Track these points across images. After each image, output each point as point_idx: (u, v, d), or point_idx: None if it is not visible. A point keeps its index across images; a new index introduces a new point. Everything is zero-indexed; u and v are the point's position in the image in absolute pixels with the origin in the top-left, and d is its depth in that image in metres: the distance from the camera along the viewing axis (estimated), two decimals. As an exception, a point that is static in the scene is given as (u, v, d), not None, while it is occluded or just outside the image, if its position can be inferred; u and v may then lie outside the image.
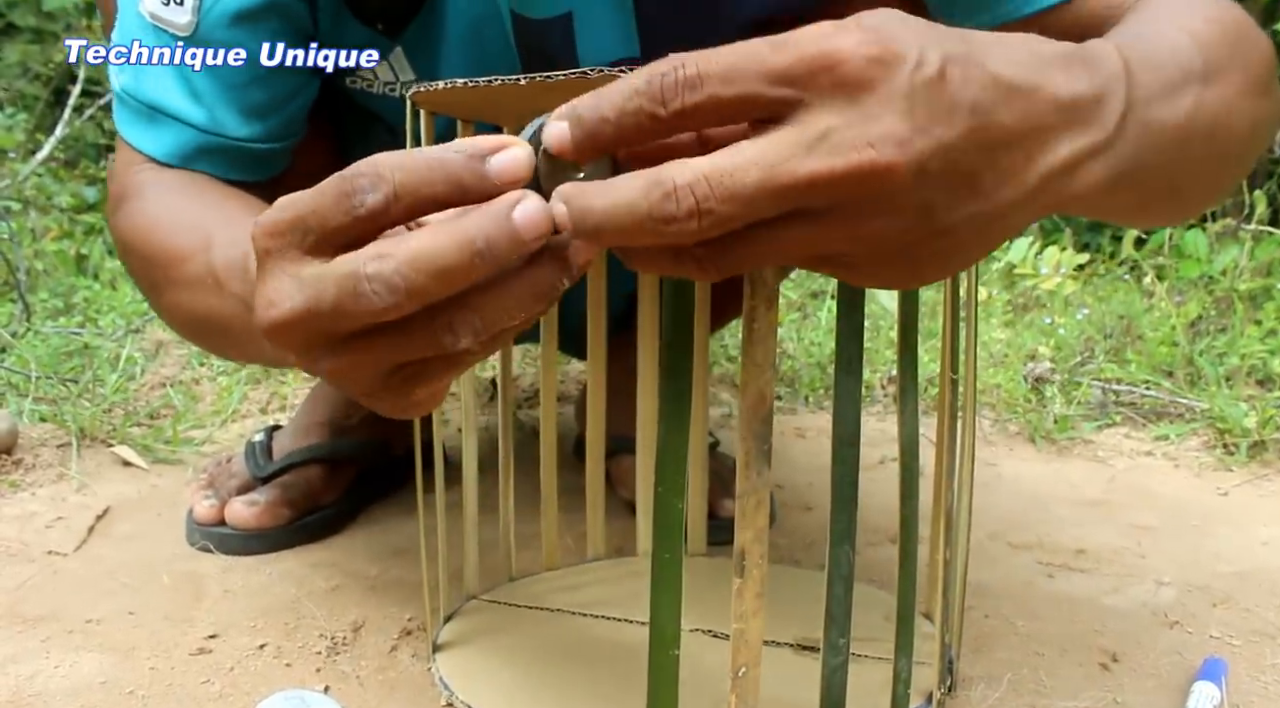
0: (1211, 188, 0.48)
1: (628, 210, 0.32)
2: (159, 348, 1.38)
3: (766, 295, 0.43)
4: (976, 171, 0.32)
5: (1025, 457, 1.07)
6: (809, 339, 1.43)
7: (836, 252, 0.34)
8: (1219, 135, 0.42)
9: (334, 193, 0.33)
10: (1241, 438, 1.06)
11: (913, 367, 0.48)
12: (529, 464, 0.74)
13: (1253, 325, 1.32)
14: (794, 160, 0.31)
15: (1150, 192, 0.41)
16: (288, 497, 0.81)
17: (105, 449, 0.99)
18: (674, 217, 0.31)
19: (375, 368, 0.35)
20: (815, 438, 1.12)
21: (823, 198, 0.31)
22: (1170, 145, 0.39)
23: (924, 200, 0.32)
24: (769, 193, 0.31)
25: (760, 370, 0.44)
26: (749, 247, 0.33)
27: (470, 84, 0.48)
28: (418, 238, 0.32)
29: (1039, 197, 0.34)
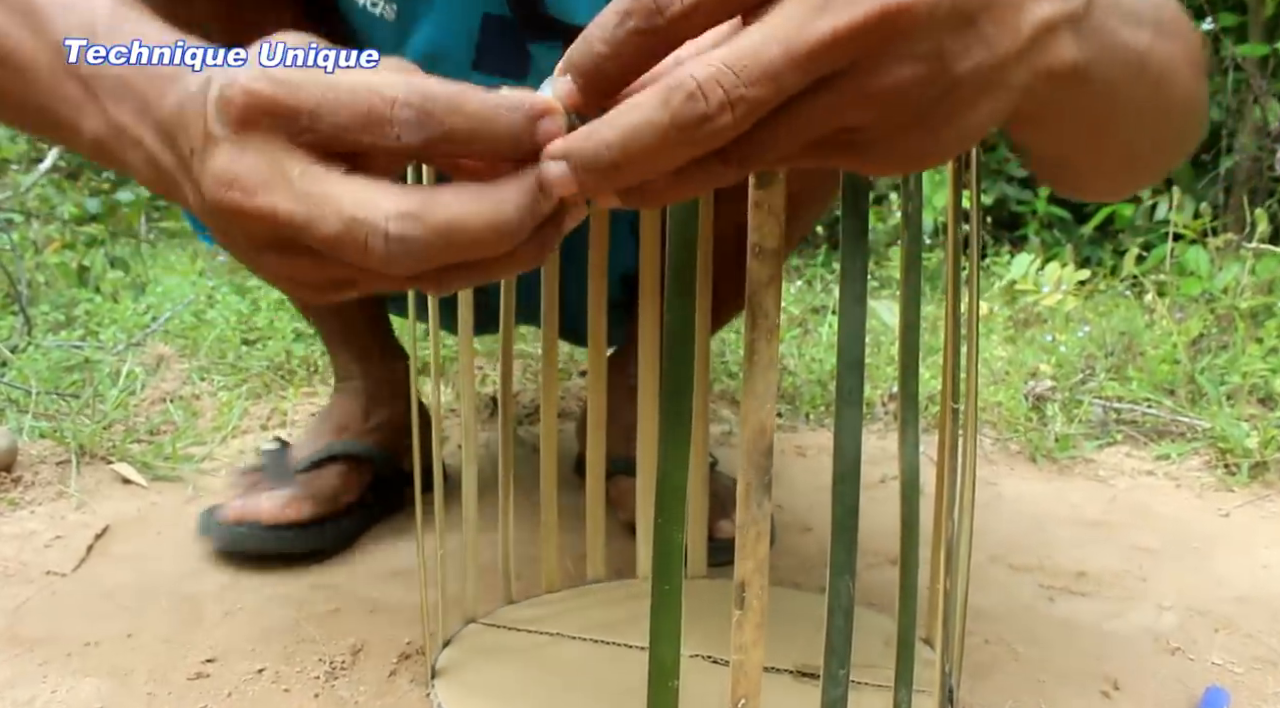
0: (1154, 145, 0.49)
1: (649, 128, 0.30)
2: (160, 363, 1.38)
3: (767, 328, 0.43)
4: (977, 15, 0.32)
5: (1026, 476, 1.07)
6: (809, 355, 1.43)
7: (856, 123, 0.32)
8: (1165, 86, 0.43)
9: (366, 108, 0.31)
10: (1243, 458, 1.05)
11: (913, 396, 0.48)
12: (529, 483, 0.74)
13: (1254, 343, 1.32)
14: (811, 24, 0.30)
15: (1105, 116, 0.41)
16: (309, 492, 0.82)
17: (105, 466, 0.99)
18: (706, 116, 0.30)
19: (327, 280, 0.34)
20: (816, 457, 1.12)
21: (846, 55, 0.30)
22: (1126, 66, 0.40)
23: (936, 46, 0.31)
24: (796, 63, 0.30)
25: (761, 402, 0.44)
26: (773, 131, 0.31)
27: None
28: (450, 207, 0.31)
29: (1027, 56, 0.34)
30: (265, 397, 1.31)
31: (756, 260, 0.43)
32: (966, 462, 0.55)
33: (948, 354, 0.55)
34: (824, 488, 1.02)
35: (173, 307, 1.67)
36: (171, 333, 1.57)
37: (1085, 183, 0.51)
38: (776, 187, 0.42)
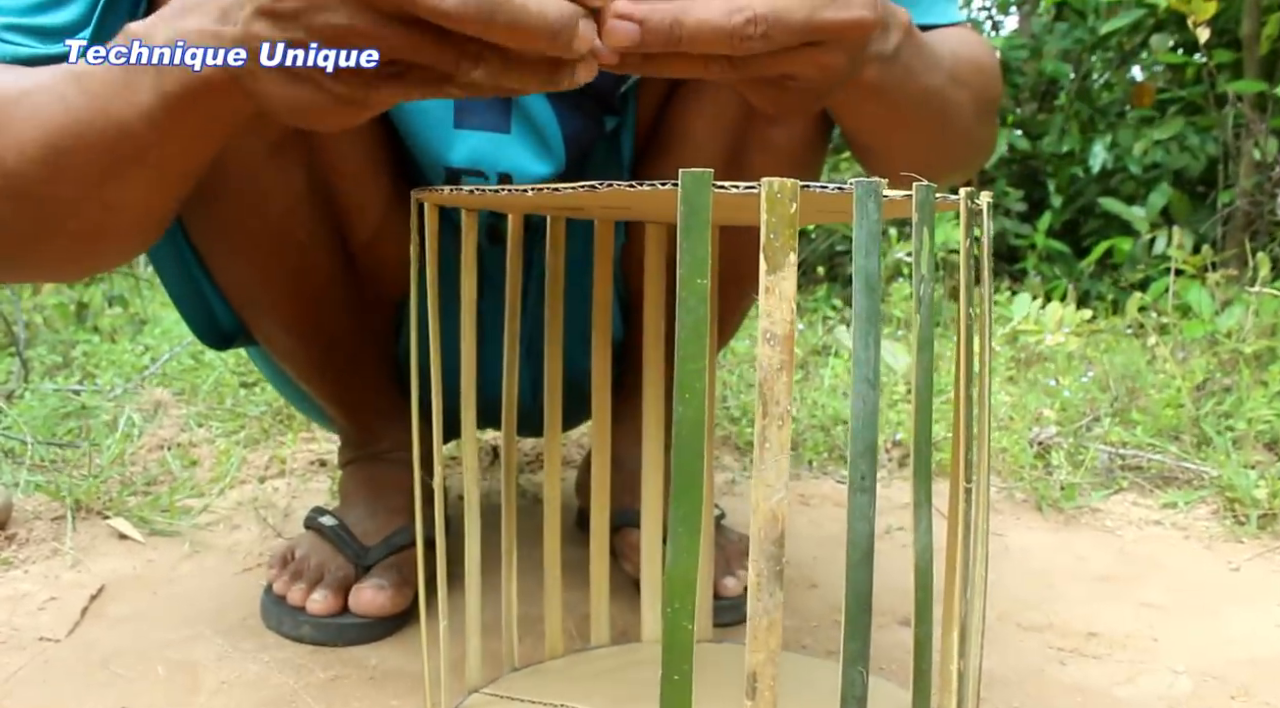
0: (934, 155, 0.70)
1: (714, 28, 0.47)
2: (157, 408, 1.37)
3: (779, 415, 0.42)
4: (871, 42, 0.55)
5: (1032, 526, 1.06)
6: (811, 399, 1.42)
7: (805, 74, 0.52)
8: (947, 116, 0.66)
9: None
10: (1251, 508, 1.04)
11: (926, 480, 0.47)
12: (532, 536, 0.73)
13: (1258, 387, 1.31)
14: (823, 10, 0.49)
15: (894, 123, 0.64)
16: (403, 577, 0.80)
17: (101, 521, 0.98)
18: (749, 36, 0.47)
19: (389, 54, 0.44)
20: (820, 506, 1.11)
21: (830, 34, 0.49)
22: (914, 94, 0.61)
23: (863, 49, 0.53)
24: (805, 28, 0.48)
25: (772, 491, 0.43)
26: (767, 59, 0.49)
27: (475, 191, 0.48)
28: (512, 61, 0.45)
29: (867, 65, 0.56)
30: (264, 442, 1.30)
31: (768, 346, 0.42)
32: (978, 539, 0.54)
33: (958, 421, 0.54)
34: (830, 539, 1.01)
35: (171, 348, 1.66)
36: (170, 375, 1.56)
37: (883, 167, 0.71)
38: (788, 271, 0.42)
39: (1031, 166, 2.93)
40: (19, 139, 0.52)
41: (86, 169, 0.52)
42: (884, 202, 0.43)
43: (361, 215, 0.79)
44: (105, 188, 0.54)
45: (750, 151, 0.79)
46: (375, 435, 0.90)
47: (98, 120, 0.50)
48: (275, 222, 0.74)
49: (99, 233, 0.57)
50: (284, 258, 0.77)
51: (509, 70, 0.45)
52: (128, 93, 0.49)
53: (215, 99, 0.49)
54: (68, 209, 0.55)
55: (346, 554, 0.82)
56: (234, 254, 0.77)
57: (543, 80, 0.46)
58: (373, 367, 0.89)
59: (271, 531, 0.99)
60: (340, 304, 0.82)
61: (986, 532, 0.57)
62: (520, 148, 0.75)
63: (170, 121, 0.50)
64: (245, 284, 0.79)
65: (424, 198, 0.54)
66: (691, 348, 0.42)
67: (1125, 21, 2.32)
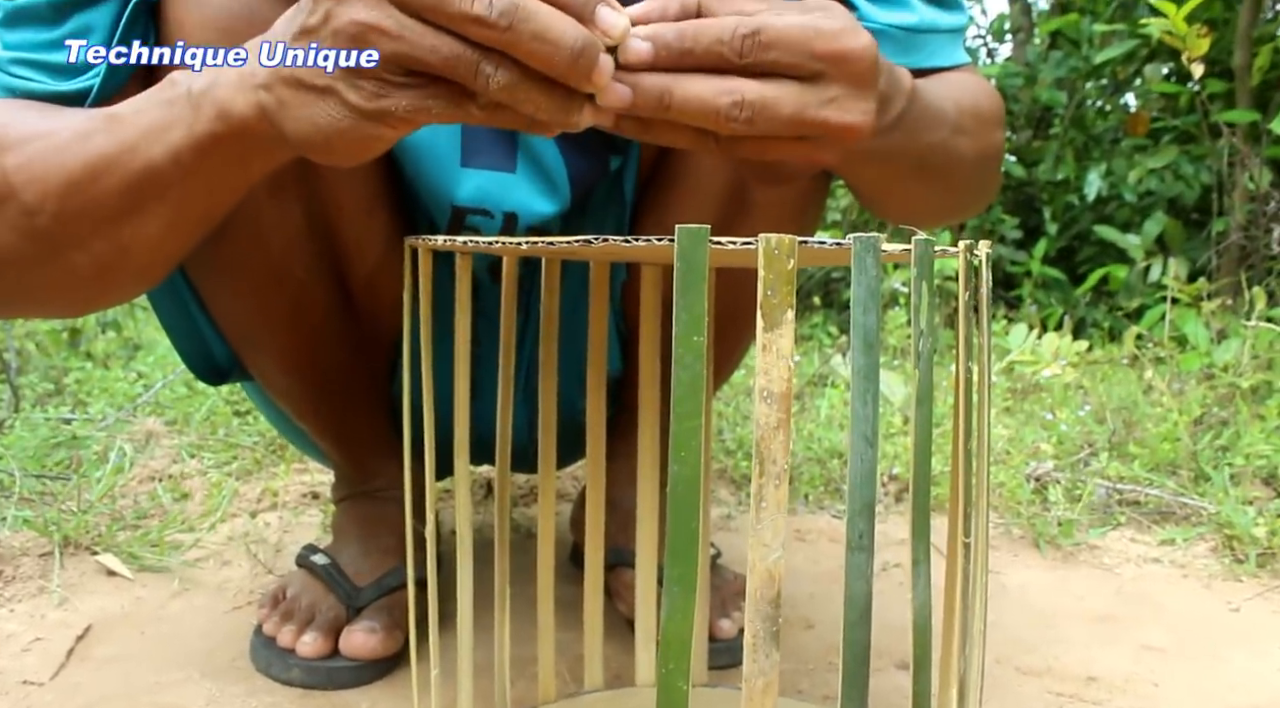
0: (940, 201, 0.72)
1: (701, 103, 0.47)
2: (149, 438, 1.36)
3: (775, 473, 0.42)
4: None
5: (1030, 563, 1.05)
6: (807, 431, 1.41)
7: (791, 162, 0.53)
8: (950, 166, 0.66)
9: None
10: (1250, 546, 1.04)
11: (925, 538, 0.46)
12: (525, 572, 0.72)
13: (1256, 421, 1.31)
14: (813, 108, 0.48)
15: (902, 175, 0.64)
16: (395, 620, 0.79)
17: (89, 557, 0.96)
18: (734, 118, 0.48)
19: (409, 52, 0.44)
20: (816, 541, 1.10)
21: (820, 133, 0.50)
22: (919, 150, 0.61)
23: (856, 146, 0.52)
24: (793, 122, 0.48)
25: (768, 551, 0.42)
26: (751, 143, 0.50)
27: (469, 242, 0.47)
28: (547, 9, 0.44)
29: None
30: (256, 473, 1.29)
31: (765, 404, 0.41)
32: (976, 591, 0.54)
33: (955, 474, 0.53)
34: (826, 575, 1.00)
35: (164, 376, 1.65)
36: (162, 404, 1.55)
37: (885, 212, 0.73)
38: (786, 328, 0.41)
39: (1027, 193, 2.94)
40: (42, 176, 0.53)
41: (106, 207, 0.53)
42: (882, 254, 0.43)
43: (360, 253, 0.78)
44: (121, 227, 0.54)
45: (754, 190, 0.79)
46: (370, 473, 0.90)
47: (124, 157, 0.51)
48: (274, 259, 0.74)
49: (107, 272, 0.58)
50: (282, 294, 0.76)
51: (527, 86, 0.45)
52: (158, 132, 0.51)
53: (243, 141, 0.50)
54: (80, 246, 0.55)
55: (338, 594, 0.81)
56: (232, 290, 0.76)
57: (556, 107, 0.46)
58: (369, 404, 0.88)
59: (262, 567, 0.98)
60: (338, 341, 0.82)
61: (985, 585, 0.57)
62: (526, 187, 0.75)
63: (196, 161, 0.51)
64: (242, 320, 0.79)
65: (418, 245, 0.53)
66: (687, 406, 0.42)
67: (1119, 51, 2.33)
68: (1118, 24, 2.60)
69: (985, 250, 0.53)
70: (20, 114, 0.56)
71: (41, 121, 0.54)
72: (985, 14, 3.67)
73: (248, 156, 0.52)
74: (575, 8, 0.45)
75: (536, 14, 0.43)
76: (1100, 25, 2.52)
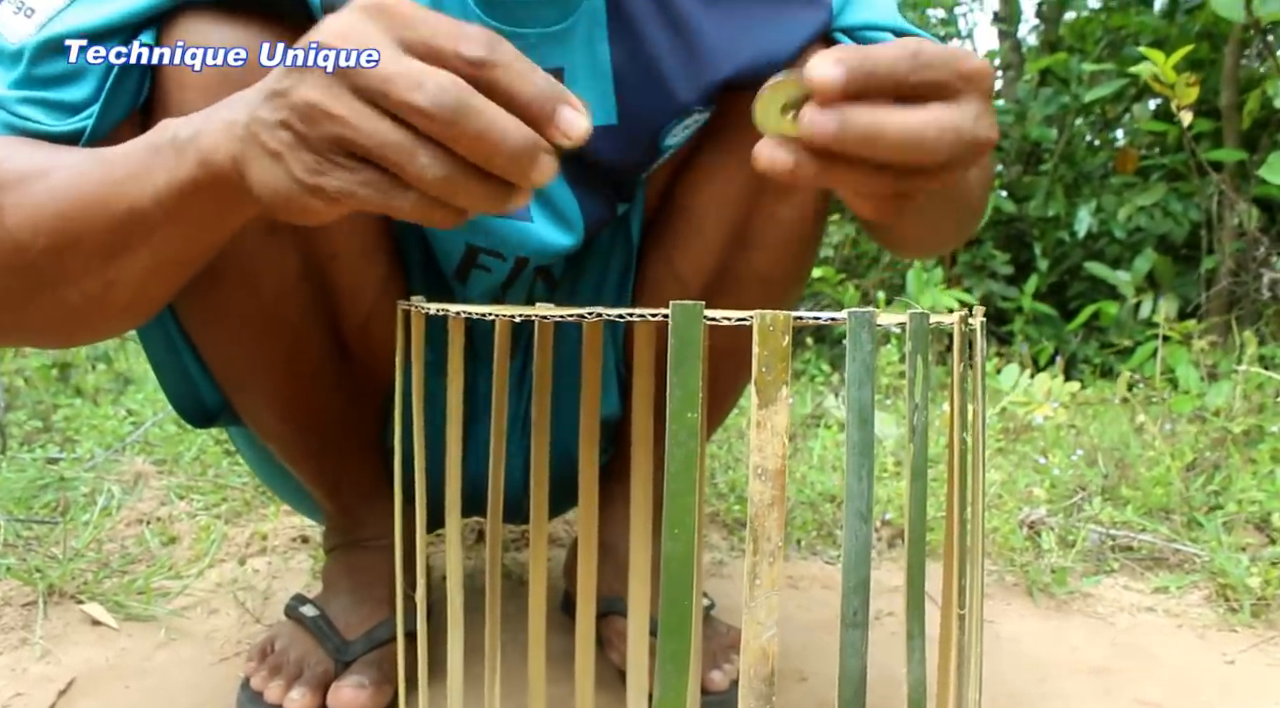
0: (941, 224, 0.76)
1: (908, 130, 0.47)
2: (138, 479, 1.35)
3: (770, 551, 0.41)
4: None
5: (1023, 613, 1.05)
6: (800, 474, 1.41)
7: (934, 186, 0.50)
8: (967, 196, 0.72)
9: (451, 29, 0.44)
10: (1244, 595, 1.03)
11: (920, 612, 0.46)
12: (516, 620, 0.71)
13: (1248, 465, 1.31)
14: (970, 127, 0.48)
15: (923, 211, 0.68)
16: (384, 674, 0.78)
17: (74, 606, 0.95)
18: (941, 142, 0.47)
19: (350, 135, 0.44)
20: (809, 589, 1.10)
21: (976, 153, 0.49)
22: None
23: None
24: (958, 143, 0.48)
25: (762, 629, 0.42)
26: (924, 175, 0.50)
27: (462, 313, 0.47)
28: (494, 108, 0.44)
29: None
30: (246, 515, 1.28)
31: (759, 481, 0.41)
32: (970, 660, 0.53)
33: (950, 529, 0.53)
34: (820, 625, 0.99)
35: (154, 414, 1.64)
36: (151, 443, 1.54)
37: (908, 247, 0.79)
38: (781, 405, 0.41)
39: (1018, 229, 2.96)
40: (34, 215, 0.54)
41: (93, 245, 0.54)
42: (877, 329, 0.43)
43: (355, 299, 0.78)
44: (108, 265, 0.55)
45: (756, 228, 0.80)
46: (360, 521, 0.89)
47: (111, 198, 0.53)
48: (267, 303, 0.73)
49: (95, 308, 0.59)
50: (274, 339, 0.76)
51: (463, 178, 0.45)
52: (143, 173, 0.52)
53: (221, 188, 0.51)
54: (69, 282, 0.57)
55: (327, 648, 0.80)
56: (224, 334, 0.76)
57: (490, 197, 0.46)
58: (361, 451, 0.87)
59: (250, 616, 0.96)
60: (330, 387, 0.81)
61: (979, 643, 0.56)
62: (540, 230, 0.75)
63: (178, 206, 0.52)
64: (233, 364, 0.78)
65: (410, 308, 0.53)
66: (681, 483, 0.42)
67: (1108, 91, 2.35)
68: (1106, 63, 2.63)
69: (979, 319, 0.53)
70: (19, 152, 0.57)
71: (38, 161, 0.56)
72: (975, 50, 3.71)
73: (225, 204, 0.53)
74: (534, 108, 0.44)
75: (481, 112, 0.43)
76: (1089, 64, 2.54)
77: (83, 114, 0.61)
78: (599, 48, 0.71)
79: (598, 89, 0.72)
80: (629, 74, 0.72)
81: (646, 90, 0.72)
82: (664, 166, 0.81)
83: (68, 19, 0.60)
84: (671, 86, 0.72)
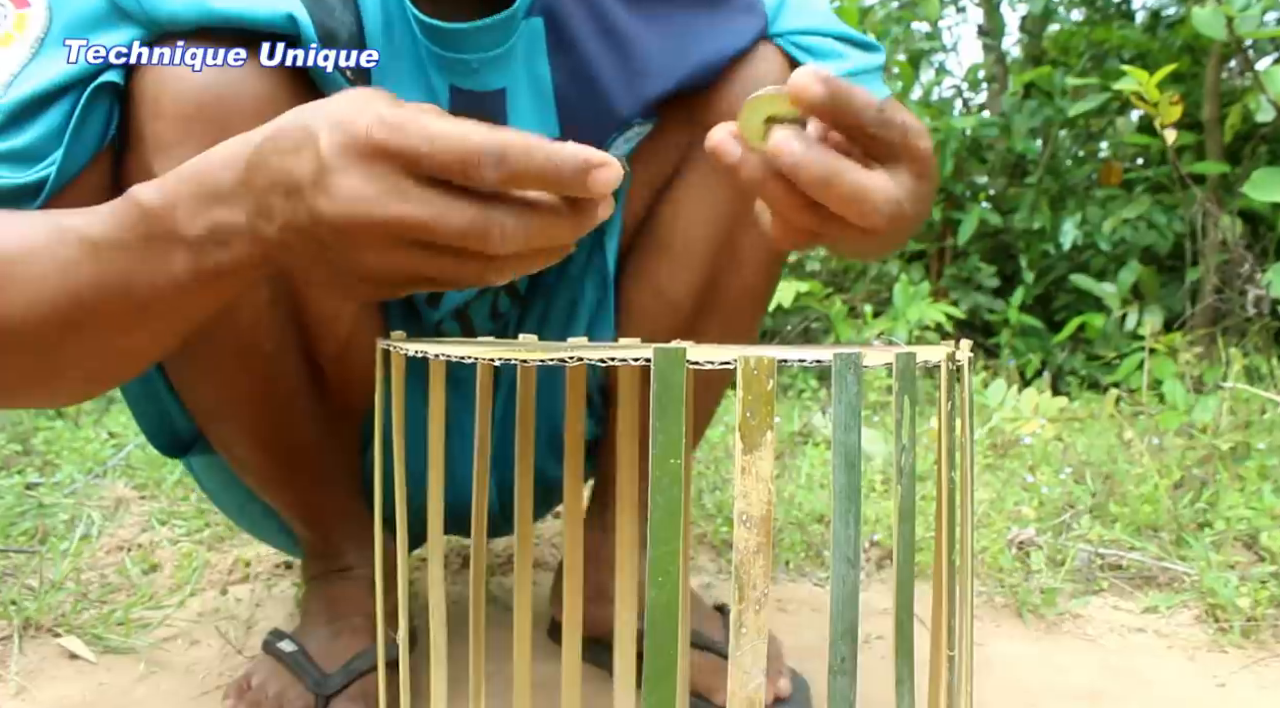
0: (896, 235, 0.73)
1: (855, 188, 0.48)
2: (118, 505, 1.33)
3: (755, 599, 0.40)
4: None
5: (1013, 634, 1.04)
6: (788, 494, 1.40)
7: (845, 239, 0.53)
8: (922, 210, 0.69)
9: (458, 154, 0.43)
10: (1234, 615, 1.03)
11: (908, 657, 0.45)
12: (502, 650, 0.70)
13: (1236, 481, 1.31)
14: (910, 205, 0.50)
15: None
16: (366, 706, 0.77)
17: (51, 639, 0.93)
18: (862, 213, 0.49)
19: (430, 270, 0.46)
20: (797, 612, 1.09)
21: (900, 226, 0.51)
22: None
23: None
24: (895, 217, 0.49)
25: (749, 678, 0.41)
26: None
27: (440, 355, 0.46)
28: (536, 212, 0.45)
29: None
30: (229, 540, 1.26)
31: (744, 528, 0.40)
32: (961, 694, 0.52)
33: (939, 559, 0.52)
34: (808, 649, 0.98)
35: (135, 437, 1.62)
36: (133, 466, 1.52)
37: (867, 257, 0.75)
38: (765, 451, 0.40)
39: (1003, 241, 2.96)
40: (24, 299, 0.51)
41: (103, 330, 0.53)
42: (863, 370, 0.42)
43: (330, 328, 0.77)
44: (118, 341, 0.54)
45: (744, 245, 0.80)
46: (339, 550, 0.88)
47: (124, 287, 0.50)
48: (242, 333, 0.72)
49: (97, 376, 0.58)
50: (250, 370, 0.75)
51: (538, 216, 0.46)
52: (160, 264, 0.50)
53: (251, 273, 0.51)
54: (71, 361, 0.54)
55: (305, 682, 0.79)
56: (198, 364, 0.75)
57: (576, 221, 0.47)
58: (338, 479, 0.86)
59: (232, 648, 0.95)
60: (306, 415, 0.80)
61: (970, 693, 0.56)
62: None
63: (203, 290, 0.51)
64: (208, 394, 0.77)
65: (390, 347, 0.52)
66: (665, 531, 0.41)
67: (1092, 105, 2.36)
68: (1090, 77, 2.64)
69: (966, 352, 0.52)
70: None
71: (12, 242, 0.51)
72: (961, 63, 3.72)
73: (254, 280, 0.53)
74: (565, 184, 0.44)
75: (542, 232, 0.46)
76: (1073, 78, 2.56)
77: (44, 162, 0.58)
78: (539, 66, 0.72)
79: (539, 106, 0.73)
80: (569, 90, 0.73)
81: (586, 105, 0.73)
82: (640, 190, 0.80)
83: (32, 76, 0.58)
84: (611, 100, 0.73)
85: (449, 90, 0.70)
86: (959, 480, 0.50)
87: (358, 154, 0.43)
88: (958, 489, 0.50)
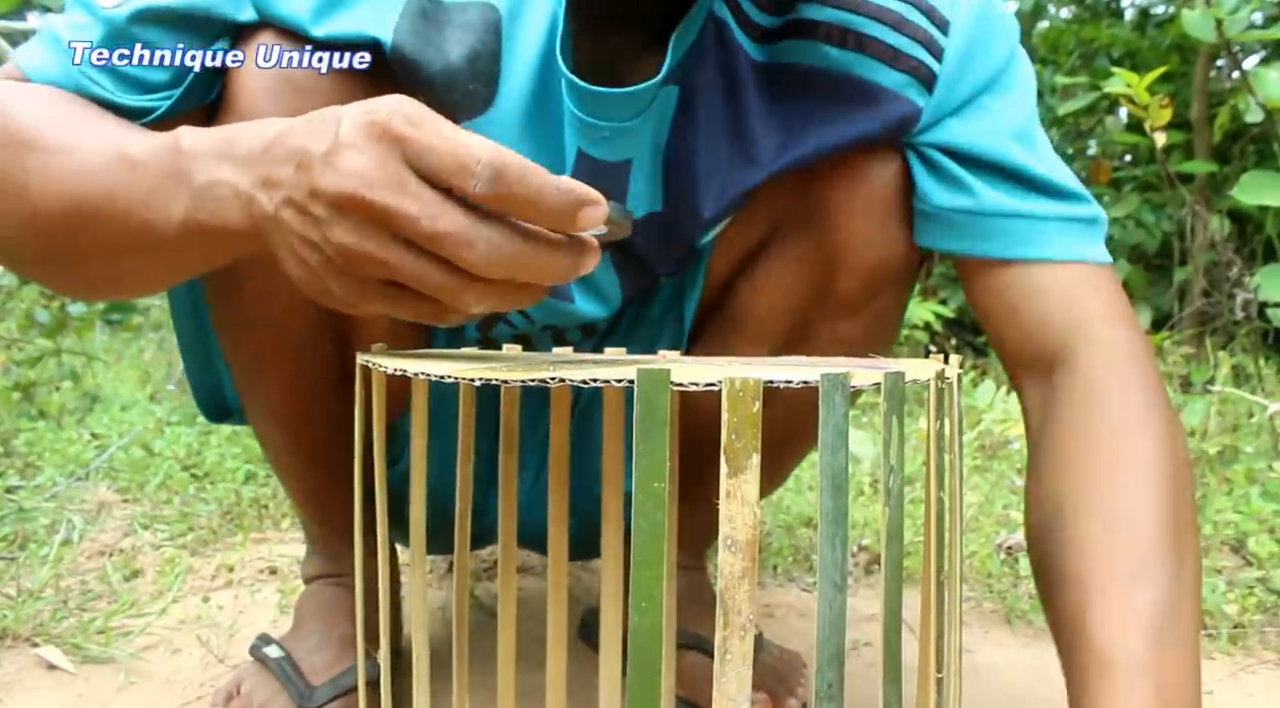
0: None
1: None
2: (100, 509, 1.32)
3: (740, 624, 0.40)
4: None
5: (1001, 641, 1.04)
6: (776, 497, 1.39)
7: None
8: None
9: (459, 158, 0.43)
10: (1221, 622, 1.03)
11: (897, 682, 0.44)
12: (489, 661, 0.69)
13: (1223, 485, 1.31)
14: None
15: None
16: None
17: (29, 650, 0.92)
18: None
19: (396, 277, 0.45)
20: (785, 618, 1.08)
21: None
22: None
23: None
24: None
25: (735, 703, 0.40)
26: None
27: (426, 377, 0.46)
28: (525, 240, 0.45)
29: None
30: (213, 544, 1.25)
31: (729, 552, 0.39)
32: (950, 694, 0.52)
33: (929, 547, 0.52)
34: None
35: (119, 438, 1.61)
36: (116, 468, 1.51)
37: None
38: (751, 474, 0.39)
39: (993, 240, 2.96)
40: (55, 193, 0.55)
41: (104, 240, 0.55)
42: (851, 388, 0.42)
43: (361, 333, 0.77)
44: (120, 259, 0.57)
45: (815, 339, 0.78)
46: (340, 553, 0.87)
47: (129, 208, 0.53)
48: (277, 315, 0.73)
49: (96, 282, 0.62)
50: (280, 354, 0.75)
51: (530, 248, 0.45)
52: (164, 199, 0.51)
53: (238, 242, 0.51)
54: (82, 258, 0.58)
55: (291, 693, 0.78)
56: (236, 333, 0.76)
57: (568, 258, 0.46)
58: (349, 486, 0.86)
59: (214, 657, 0.94)
60: (325, 417, 0.80)
61: (959, 683, 0.55)
62: (579, 307, 0.76)
63: (192, 239, 0.52)
64: (241, 364, 0.79)
65: (368, 362, 0.51)
66: (648, 554, 0.40)
67: (1081, 104, 2.37)
68: (1079, 75, 2.64)
69: (955, 369, 0.52)
70: (66, 118, 0.58)
71: (76, 134, 0.57)
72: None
73: (239, 248, 0.54)
74: (556, 217, 0.44)
75: (529, 261, 0.45)
76: (1062, 77, 2.56)
77: (157, 95, 0.63)
78: (662, 135, 0.70)
79: (653, 176, 0.71)
80: (681, 170, 0.71)
81: (691, 188, 0.71)
82: (724, 257, 0.79)
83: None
84: (718, 188, 0.71)
85: (576, 154, 0.68)
86: (948, 501, 0.50)
87: (370, 136, 0.44)
88: (946, 510, 0.50)
